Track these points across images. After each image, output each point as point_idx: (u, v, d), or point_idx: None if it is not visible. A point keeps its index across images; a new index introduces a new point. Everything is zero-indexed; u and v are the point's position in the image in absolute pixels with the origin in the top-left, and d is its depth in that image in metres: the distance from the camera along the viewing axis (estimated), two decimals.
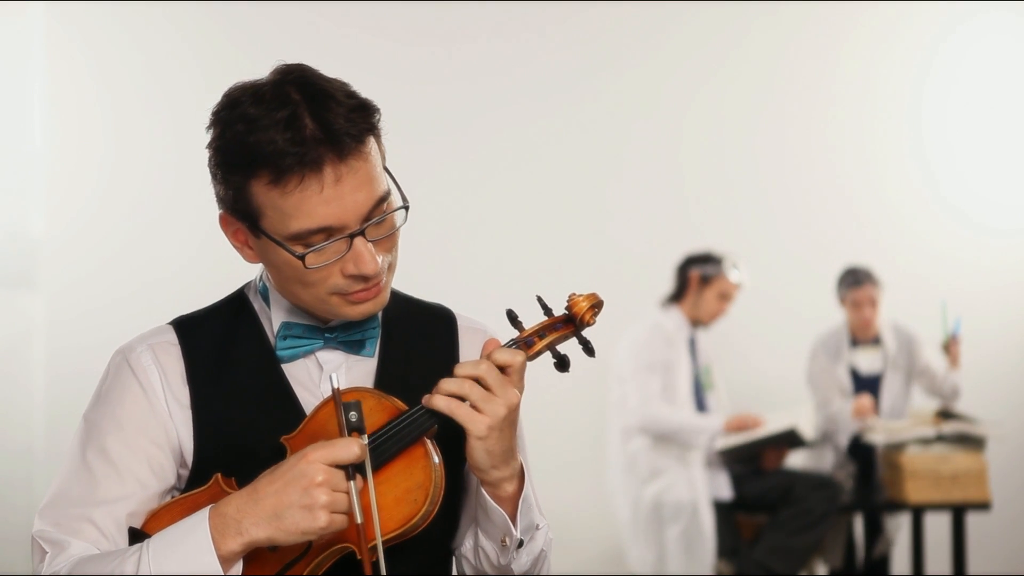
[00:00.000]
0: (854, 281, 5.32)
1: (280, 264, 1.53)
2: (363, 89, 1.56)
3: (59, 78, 5.83)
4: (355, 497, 1.39)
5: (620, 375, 5.11)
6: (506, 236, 5.92)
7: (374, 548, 1.41)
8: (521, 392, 1.52)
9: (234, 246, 1.59)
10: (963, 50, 6.38)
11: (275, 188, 1.47)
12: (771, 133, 6.31)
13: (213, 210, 1.56)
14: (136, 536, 1.49)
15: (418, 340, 1.68)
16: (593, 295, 1.58)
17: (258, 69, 1.55)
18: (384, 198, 1.52)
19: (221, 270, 5.36)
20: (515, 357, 1.51)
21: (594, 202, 6.18)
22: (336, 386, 1.41)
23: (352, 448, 1.39)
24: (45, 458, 5.67)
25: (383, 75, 5.64)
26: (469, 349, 1.70)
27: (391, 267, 1.57)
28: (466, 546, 1.64)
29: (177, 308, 1.75)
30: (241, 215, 1.53)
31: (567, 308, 1.59)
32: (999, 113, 6.38)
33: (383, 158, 1.55)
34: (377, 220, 1.51)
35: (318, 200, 1.46)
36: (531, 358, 1.57)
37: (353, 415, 1.41)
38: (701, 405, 5.19)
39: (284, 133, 1.45)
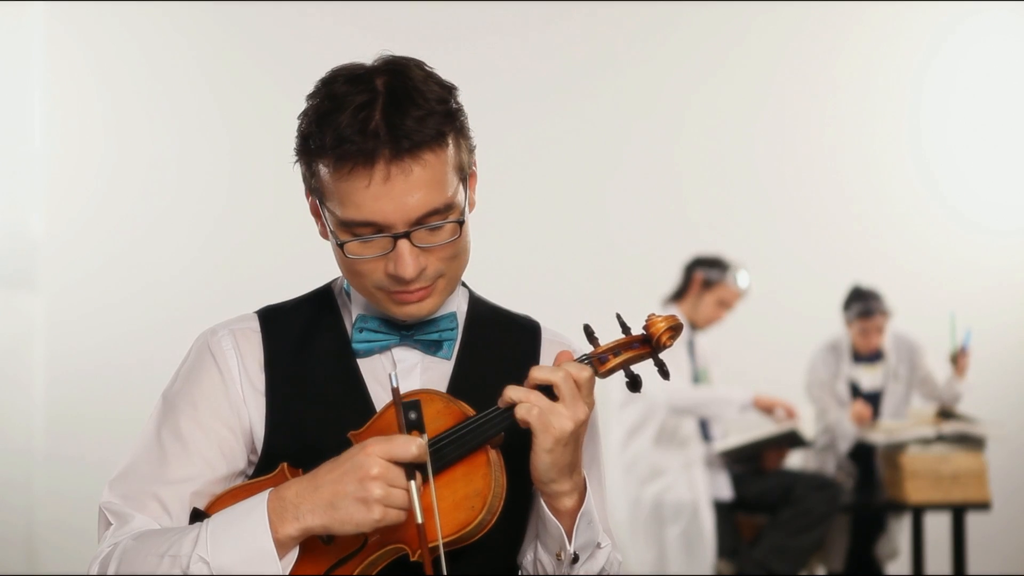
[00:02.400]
0: (865, 311, 5.24)
1: (334, 247, 1.55)
2: None
3: (59, 78, 5.83)
4: (416, 495, 1.37)
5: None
6: (505, 236, 5.92)
7: (433, 550, 1.39)
8: (591, 408, 1.50)
9: (313, 218, 1.60)
10: (963, 50, 6.38)
11: (332, 171, 1.48)
12: (770, 133, 6.31)
13: (214, 210, 1.56)
14: (197, 516, 1.51)
15: (499, 348, 1.67)
16: (672, 317, 1.55)
17: (258, 69, 1.55)
18: (444, 208, 1.50)
19: (221, 271, 5.39)
20: (581, 372, 1.48)
21: (593, 202, 6.17)
22: (395, 385, 1.40)
23: (410, 447, 1.38)
24: (45, 458, 5.67)
25: None
26: (549, 362, 1.64)
27: (446, 276, 1.55)
28: (527, 558, 1.62)
29: (177, 309, 1.75)
30: (311, 189, 1.55)
31: (644, 328, 1.55)
32: (999, 113, 6.38)
33: (464, 168, 1.55)
34: (428, 227, 1.50)
35: (365, 194, 1.47)
36: (603, 375, 1.54)
37: (412, 414, 1.39)
38: None
39: (352, 119, 1.46)
